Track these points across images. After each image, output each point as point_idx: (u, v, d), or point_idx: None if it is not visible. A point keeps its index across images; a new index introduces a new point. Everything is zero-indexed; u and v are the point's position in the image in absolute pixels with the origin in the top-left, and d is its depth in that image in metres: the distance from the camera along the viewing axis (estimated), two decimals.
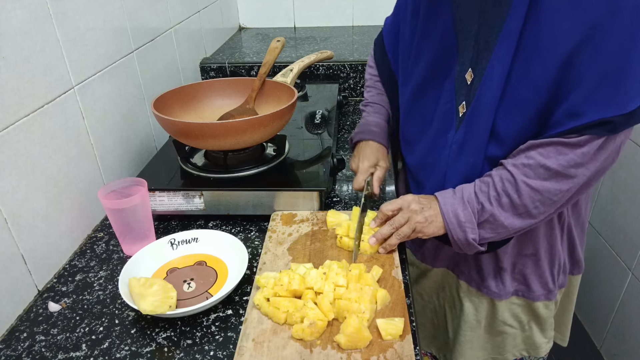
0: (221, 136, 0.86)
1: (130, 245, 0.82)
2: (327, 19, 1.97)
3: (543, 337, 0.89)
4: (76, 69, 0.85)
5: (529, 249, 0.80)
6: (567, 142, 0.63)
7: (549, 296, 0.85)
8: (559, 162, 0.64)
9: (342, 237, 0.78)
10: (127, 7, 1.03)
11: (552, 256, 0.82)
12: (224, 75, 1.52)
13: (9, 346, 0.66)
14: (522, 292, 0.85)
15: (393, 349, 0.60)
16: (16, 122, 0.71)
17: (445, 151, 0.76)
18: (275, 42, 1.12)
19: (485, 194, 0.69)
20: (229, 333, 0.67)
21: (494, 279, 0.83)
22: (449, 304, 0.93)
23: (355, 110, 1.41)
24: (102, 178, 0.94)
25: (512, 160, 0.68)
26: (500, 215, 0.68)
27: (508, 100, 0.66)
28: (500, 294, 0.84)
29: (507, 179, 0.67)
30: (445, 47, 0.73)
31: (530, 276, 0.83)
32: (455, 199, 0.71)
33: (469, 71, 0.71)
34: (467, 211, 0.70)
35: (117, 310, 0.72)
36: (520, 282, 0.84)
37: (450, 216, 0.70)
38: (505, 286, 0.83)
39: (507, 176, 0.68)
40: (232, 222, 0.91)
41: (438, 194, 0.74)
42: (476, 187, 0.71)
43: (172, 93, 1.00)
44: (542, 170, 0.65)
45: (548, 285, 0.84)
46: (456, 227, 0.70)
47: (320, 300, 0.65)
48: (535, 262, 0.82)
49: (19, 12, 0.71)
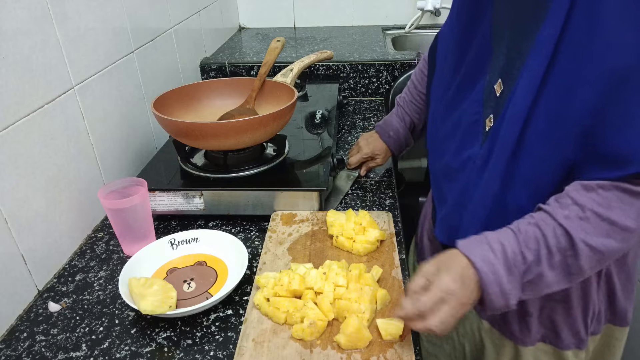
0: (221, 136, 0.86)
1: (130, 245, 0.82)
2: (327, 19, 1.97)
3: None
4: (76, 69, 0.85)
5: (559, 294, 0.69)
6: (633, 190, 0.52)
7: (579, 345, 0.74)
8: (626, 214, 0.52)
9: (338, 237, 0.78)
10: (127, 7, 1.03)
11: (586, 303, 0.71)
12: (224, 75, 1.52)
13: (9, 346, 0.66)
14: (549, 340, 0.75)
15: (393, 349, 0.60)
16: (16, 122, 0.71)
17: (469, 165, 0.68)
18: (275, 42, 1.12)
19: (535, 252, 0.55)
20: (229, 333, 0.67)
21: (519, 323, 0.74)
22: (469, 342, 0.84)
23: (355, 110, 1.41)
24: (102, 178, 0.94)
25: (561, 209, 0.55)
26: (548, 277, 0.56)
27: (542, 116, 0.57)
28: (525, 340, 0.75)
29: (562, 236, 0.54)
30: (480, 52, 0.66)
31: (559, 323, 0.73)
32: (496, 262, 0.55)
33: (498, 82, 0.63)
34: (512, 277, 0.55)
35: (117, 310, 0.72)
36: (548, 329, 0.74)
37: (492, 285, 0.55)
38: (530, 332, 0.74)
39: (561, 232, 0.54)
40: (232, 222, 0.91)
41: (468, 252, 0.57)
42: (522, 245, 0.56)
43: (172, 93, 1.00)
44: (605, 226, 0.53)
45: (580, 334, 0.74)
46: (499, 297, 0.55)
47: (320, 300, 0.65)
48: (565, 309, 0.72)
49: (19, 12, 0.71)
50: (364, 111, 1.41)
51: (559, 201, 0.56)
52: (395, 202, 0.94)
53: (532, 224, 0.56)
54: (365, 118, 1.35)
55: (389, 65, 1.46)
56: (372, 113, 1.39)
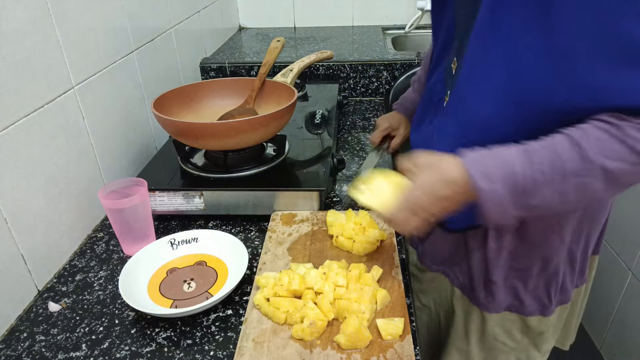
0: (221, 136, 0.86)
1: (130, 245, 0.82)
2: (327, 19, 1.97)
3: (537, 351, 0.84)
4: (76, 69, 0.85)
5: (521, 263, 0.74)
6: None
7: (543, 312, 0.78)
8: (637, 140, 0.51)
9: (338, 237, 0.78)
10: (127, 7, 1.03)
11: (547, 273, 0.75)
12: (224, 75, 1.52)
13: (9, 346, 0.66)
14: (515, 308, 0.79)
15: (393, 349, 0.60)
16: (16, 122, 0.71)
17: (434, 135, 0.74)
18: (275, 42, 1.12)
19: (546, 175, 0.54)
20: (229, 333, 0.67)
21: (484, 290, 0.78)
22: (443, 310, 0.89)
23: (355, 110, 1.41)
24: (102, 178, 0.94)
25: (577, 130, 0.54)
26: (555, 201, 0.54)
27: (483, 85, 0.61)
28: (489, 307, 0.79)
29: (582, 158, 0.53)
30: (446, 37, 0.73)
31: (522, 290, 0.76)
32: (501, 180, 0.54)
33: (454, 60, 0.69)
34: (516, 198, 0.54)
35: (117, 310, 0.72)
36: (512, 296, 0.78)
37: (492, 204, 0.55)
38: (495, 299, 0.77)
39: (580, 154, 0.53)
40: (232, 222, 0.91)
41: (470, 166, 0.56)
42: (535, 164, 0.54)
43: (172, 93, 1.00)
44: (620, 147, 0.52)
45: (542, 300, 0.77)
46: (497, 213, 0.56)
47: (320, 300, 0.65)
48: (526, 277, 0.75)
49: (19, 12, 0.71)
50: (364, 111, 1.41)
51: (577, 127, 0.54)
52: None
53: (548, 146, 0.55)
54: (365, 118, 1.35)
55: (389, 65, 1.46)
56: (372, 113, 1.39)
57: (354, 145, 1.18)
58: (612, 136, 0.52)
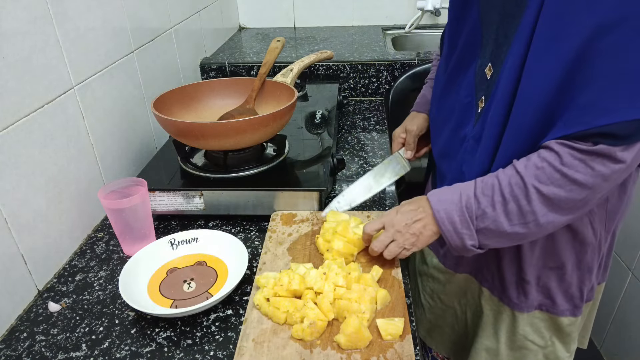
0: (221, 136, 0.86)
1: (130, 245, 0.82)
2: (327, 19, 1.97)
3: (565, 351, 0.84)
4: (76, 69, 0.85)
5: (555, 261, 0.75)
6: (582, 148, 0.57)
7: (575, 312, 0.79)
8: (575, 169, 0.58)
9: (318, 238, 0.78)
10: (127, 7, 1.03)
11: (581, 270, 0.76)
12: (224, 75, 1.52)
13: (9, 346, 0.66)
14: (546, 307, 0.79)
15: (393, 349, 0.60)
16: (16, 122, 0.71)
17: (463, 144, 0.73)
18: (275, 42, 1.12)
19: (489, 198, 0.63)
20: (229, 333, 0.67)
21: (517, 290, 0.79)
22: (470, 310, 0.88)
23: (355, 110, 1.41)
24: (102, 178, 0.94)
25: (522, 161, 0.62)
26: (503, 223, 0.62)
27: (521, 97, 0.61)
28: (522, 306, 0.79)
29: (517, 183, 0.61)
30: (472, 38, 0.71)
31: (554, 289, 0.77)
32: (452, 204, 0.65)
33: (488, 65, 0.68)
34: (463, 217, 0.64)
35: (117, 310, 0.72)
36: (544, 296, 0.79)
37: (445, 223, 0.65)
38: (527, 298, 0.78)
39: (516, 180, 0.61)
40: (232, 222, 0.91)
41: (430, 194, 0.68)
42: (477, 190, 0.64)
43: (172, 93, 1.00)
44: (557, 176, 0.59)
45: (574, 299, 0.78)
46: (452, 234, 0.65)
47: (320, 300, 0.65)
48: (560, 276, 0.76)
49: (19, 12, 0.71)
50: (364, 111, 1.41)
51: (527, 157, 0.62)
52: (395, 202, 0.94)
53: (494, 175, 0.64)
54: (365, 118, 1.35)
55: (389, 65, 1.46)
56: (372, 113, 1.39)
57: (354, 145, 1.18)
58: (549, 164, 0.59)
